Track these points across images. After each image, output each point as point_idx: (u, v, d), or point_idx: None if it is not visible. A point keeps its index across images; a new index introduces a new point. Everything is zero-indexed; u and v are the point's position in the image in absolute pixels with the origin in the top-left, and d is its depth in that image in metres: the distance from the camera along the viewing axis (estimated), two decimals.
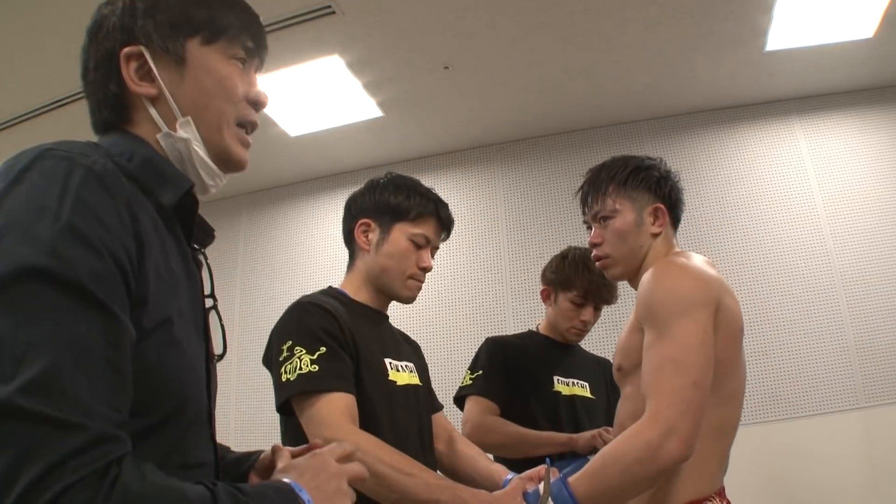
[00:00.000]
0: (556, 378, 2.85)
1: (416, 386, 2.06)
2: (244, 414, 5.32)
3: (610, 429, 2.56)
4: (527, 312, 4.76)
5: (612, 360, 3.12)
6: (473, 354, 2.96)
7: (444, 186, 5.33)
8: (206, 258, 1.18)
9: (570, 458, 2.62)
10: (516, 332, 3.21)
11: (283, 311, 1.96)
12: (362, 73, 4.27)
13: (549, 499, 1.59)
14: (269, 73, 4.20)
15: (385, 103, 4.64)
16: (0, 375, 0.73)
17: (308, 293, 2.05)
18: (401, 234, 2.02)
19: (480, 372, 2.83)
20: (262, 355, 1.96)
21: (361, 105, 4.65)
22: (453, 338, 4.89)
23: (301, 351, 1.77)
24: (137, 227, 0.90)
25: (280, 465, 1.10)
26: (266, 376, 1.89)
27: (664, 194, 2.02)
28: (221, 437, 1.21)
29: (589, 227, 2.11)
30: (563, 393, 2.84)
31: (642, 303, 1.79)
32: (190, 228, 1.11)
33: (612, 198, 2.02)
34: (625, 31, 3.97)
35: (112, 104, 1.09)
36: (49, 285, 0.77)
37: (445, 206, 2.12)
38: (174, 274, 0.99)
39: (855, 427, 4.05)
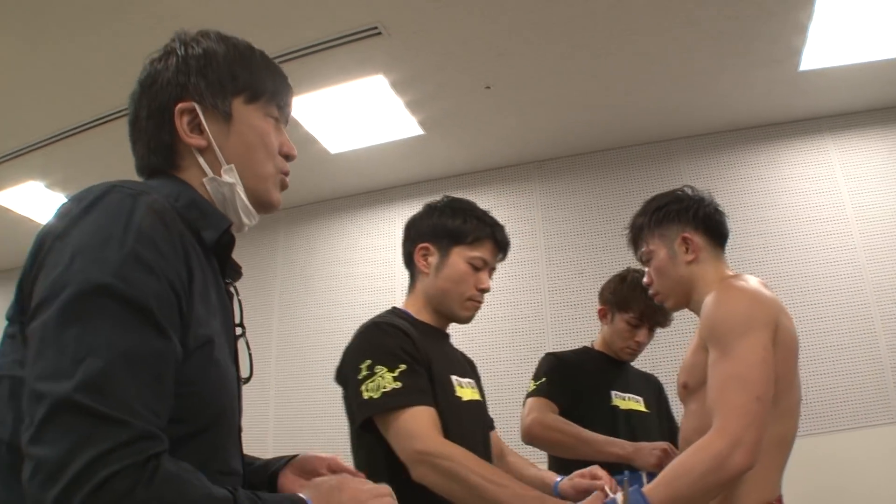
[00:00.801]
0: (613, 393, 2.90)
1: (477, 401, 2.12)
2: (282, 424, 5.39)
3: (673, 447, 2.62)
4: (566, 328, 4.83)
5: (656, 377, 3.20)
6: (512, 370, 2.99)
7: (483, 203, 5.36)
8: (236, 291, 1.28)
9: (624, 471, 2.65)
10: (556, 348, 3.25)
11: (318, 324, 2.00)
12: (405, 92, 4.37)
13: None
14: (313, 92, 4.32)
15: (426, 122, 4.73)
16: (62, 373, 0.84)
17: (345, 309, 2.10)
18: (459, 257, 2.08)
19: (544, 379, 2.88)
20: (299, 368, 2.00)
21: (402, 123, 4.74)
22: (493, 354, 4.90)
23: (382, 369, 1.82)
24: (188, 258, 1.02)
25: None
26: (303, 388, 1.95)
27: (689, 221, 2.12)
28: (260, 450, 1.35)
29: None
30: (621, 407, 2.88)
31: (706, 324, 1.90)
32: (225, 263, 1.22)
33: (647, 240, 2.18)
34: (664, 51, 4.05)
35: (163, 152, 1.20)
36: (112, 301, 0.89)
37: (502, 228, 2.18)
38: (212, 302, 1.10)
39: (889, 441, 4.06)
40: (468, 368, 2.25)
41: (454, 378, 2.03)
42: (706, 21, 3.79)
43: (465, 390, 2.06)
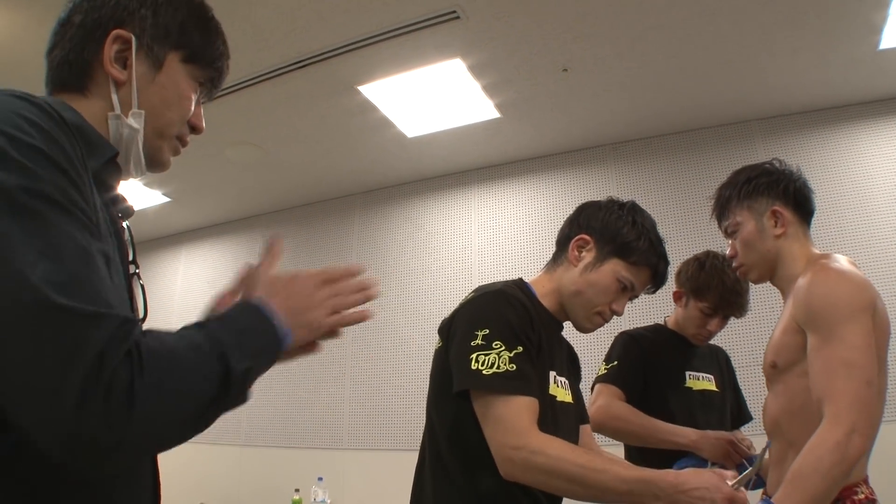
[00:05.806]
0: (687, 373, 2.91)
1: (568, 404, 2.01)
2: (356, 404, 5.55)
3: (738, 434, 2.63)
4: (638, 308, 4.79)
5: (723, 349, 3.20)
6: (587, 347, 2.98)
7: (556, 185, 5.48)
8: (129, 229, 1.20)
9: (690, 457, 2.64)
10: (630, 326, 3.21)
11: (393, 306, 1.98)
12: (482, 75, 4.44)
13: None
14: (391, 77, 4.44)
15: (503, 105, 4.79)
16: (23, 275, 0.77)
17: (420, 291, 2.08)
18: (613, 269, 1.96)
19: (616, 363, 2.87)
20: (374, 350, 1.93)
21: (479, 107, 4.81)
22: (569, 332, 4.87)
23: (500, 346, 1.74)
24: (84, 163, 0.94)
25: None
26: (378, 370, 1.92)
27: (779, 195, 2.13)
28: (335, 428, 1.24)
29: None
30: (695, 388, 2.89)
31: (804, 307, 1.90)
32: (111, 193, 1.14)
33: (734, 212, 2.20)
34: (741, 33, 4.04)
35: (77, 67, 1.11)
36: (46, 203, 0.83)
37: (667, 263, 2.05)
38: (105, 228, 1.00)
39: None
40: (569, 365, 2.18)
41: (552, 374, 1.95)
42: (783, 1, 3.77)
43: (559, 390, 1.97)
